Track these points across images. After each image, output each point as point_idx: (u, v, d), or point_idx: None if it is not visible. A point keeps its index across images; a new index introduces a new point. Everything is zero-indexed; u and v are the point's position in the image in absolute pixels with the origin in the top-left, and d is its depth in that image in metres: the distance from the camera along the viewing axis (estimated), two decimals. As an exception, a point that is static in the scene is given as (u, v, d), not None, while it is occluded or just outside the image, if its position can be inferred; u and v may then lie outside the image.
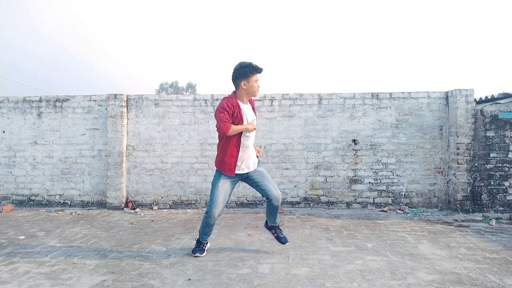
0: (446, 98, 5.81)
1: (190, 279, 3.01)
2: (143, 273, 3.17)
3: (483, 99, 5.75)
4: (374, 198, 5.88)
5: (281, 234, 3.71)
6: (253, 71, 3.44)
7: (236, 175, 3.51)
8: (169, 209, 6.02)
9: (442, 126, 5.82)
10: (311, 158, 5.93)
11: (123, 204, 6.00)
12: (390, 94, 5.89)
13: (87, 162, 6.14)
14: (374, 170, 5.88)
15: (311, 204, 5.92)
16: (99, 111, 6.16)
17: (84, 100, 6.18)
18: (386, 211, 5.68)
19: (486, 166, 5.50)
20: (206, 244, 3.67)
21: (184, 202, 6.04)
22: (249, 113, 3.52)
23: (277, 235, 3.70)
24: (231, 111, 3.36)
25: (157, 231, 4.57)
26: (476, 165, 5.49)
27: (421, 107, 5.84)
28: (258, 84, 3.50)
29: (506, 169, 5.48)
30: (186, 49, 78.53)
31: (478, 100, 5.75)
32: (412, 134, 5.84)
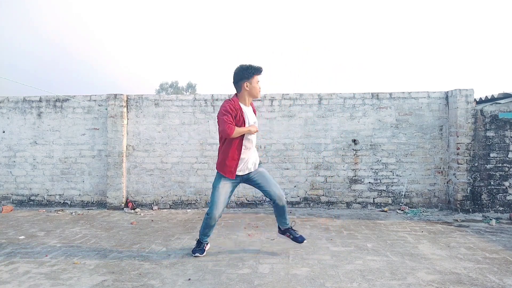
0: (446, 98, 5.81)
1: (190, 279, 3.01)
2: (143, 273, 3.17)
3: (483, 99, 5.75)
4: (374, 198, 5.88)
5: (296, 234, 3.66)
6: (254, 72, 3.46)
7: (237, 177, 3.51)
8: (169, 209, 6.02)
9: (442, 126, 5.82)
10: (311, 158, 5.93)
11: (123, 204, 6.00)
12: (390, 94, 5.89)
13: (87, 162, 6.15)
14: (374, 170, 5.88)
15: (311, 204, 5.92)
16: (99, 111, 6.16)
17: (84, 100, 6.18)
18: (386, 211, 5.68)
19: (486, 166, 5.50)
20: (207, 244, 3.67)
21: (184, 202, 6.04)
22: (250, 115, 3.53)
23: (292, 237, 3.65)
24: (234, 114, 3.36)
25: (157, 231, 4.57)
26: (476, 165, 5.49)
27: (421, 107, 5.84)
28: (259, 85, 3.53)
29: (506, 169, 5.48)
30: (186, 49, 78.57)
31: (478, 100, 5.75)
32: (412, 134, 5.84)
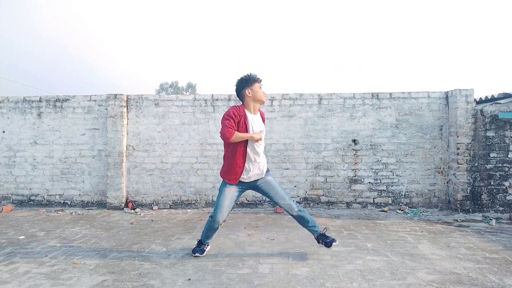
0: (446, 98, 5.81)
1: (190, 279, 3.01)
2: (143, 273, 3.17)
3: (483, 99, 5.75)
4: (374, 198, 5.88)
5: (326, 240, 3.54)
6: (254, 80, 3.47)
7: (244, 184, 3.51)
8: (169, 209, 6.02)
9: (442, 126, 5.82)
10: (311, 158, 5.94)
11: (123, 204, 6.01)
12: (390, 94, 5.89)
13: (87, 162, 6.15)
14: (374, 170, 5.88)
15: (311, 204, 5.92)
16: (99, 111, 6.16)
17: (84, 100, 6.18)
18: (386, 211, 5.68)
19: (486, 166, 5.50)
20: (207, 245, 3.67)
21: (184, 202, 6.05)
22: (257, 123, 3.49)
23: (324, 243, 3.54)
24: (237, 119, 3.37)
25: (157, 231, 4.57)
26: (476, 165, 5.49)
27: (421, 107, 5.84)
28: (262, 90, 3.50)
29: (506, 169, 5.48)
30: (186, 49, 78.53)
31: (478, 100, 5.76)
32: (412, 134, 5.84)
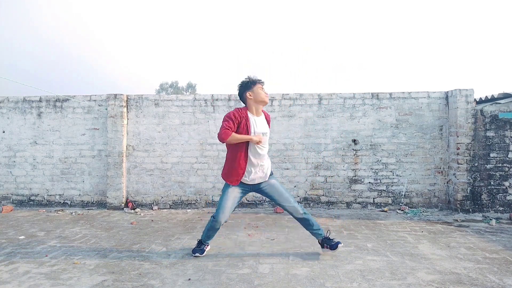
0: (446, 98, 5.81)
1: (190, 279, 3.01)
2: (143, 273, 3.17)
3: (483, 99, 5.75)
4: (374, 198, 5.88)
5: (331, 243, 3.52)
6: (254, 82, 3.46)
7: (247, 186, 3.51)
8: (169, 209, 6.02)
9: (442, 126, 5.82)
10: (311, 158, 5.94)
11: (123, 204, 6.01)
12: (390, 94, 5.89)
13: (87, 162, 6.15)
14: (374, 170, 5.88)
15: (311, 204, 5.92)
16: (99, 111, 6.16)
17: (84, 100, 6.18)
18: (386, 211, 5.68)
19: (486, 166, 5.50)
20: (207, 246, 3.68)
21: (184, 202, 6.05)
22: (260, 125, 3.47)
23: (329, 246, 3.51)
24: (237, 121, 3.36)
25: (157, 231, 4.57)
26: (476, 165, 5.49)
27: (421, 107, 5.84)
28: (264, 91, 3.46)
29: (506, 169, 5.48)
30: (186, 49, 78.53)
31: (478, 100, 5.76)
32: (412, 134, 5.84)
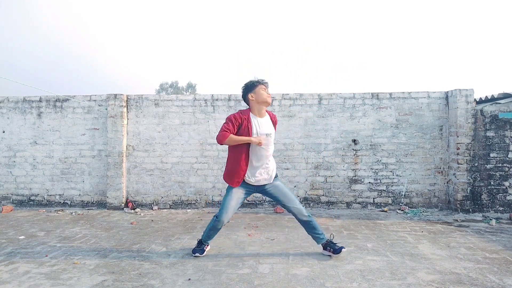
0: (446, 98, 5.81)
1: (190, 279, 3.01)
2: (143, 273, 3.17)
3: (483, 99, 5.75)
4: (374, 198, 5.88)
5: (335, 247, 3.50)
6: (256, 84, 3.46)
7: (251, 187, 3.51)
8: (169, 209, 6.02)
9: (442, 126, 5.82)
10: (311, 158, 5.94)
11: (123, 204, 6.01)
12: (390, 94, 5.89)
13: (87, 162, 6.15)
14: (374, 170, 5.88)
15: (311, 204, 5.92)
16: (99, 111, 6.16)
17: (84, 100, 6.18)
18: (386, 211, 5.68)
19: (486, 166, 5.50)
20: (207, 245, 3.68)
21: (184, 202, 6.05)
22: (264, 126, 3.45)
23: (333, 250, 3.49)
24: (238, 123, 3.36)
25: (157, 231, 4.57)
26: (476, 165, 5.49)
27: (421, 107, 5.84)
28: (266, 92, 3.45)
29: (506, 169, 5.48)
30: (186, 49, 78.52)
31: (478, 100, 5.76)
32: (412, 134, 5.84)
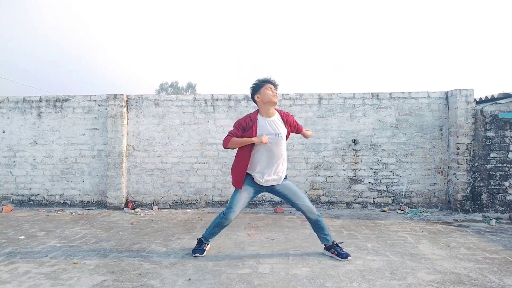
0: (446, 98, 5.81)
1: (190, 279, 3.01)
2: (143, 273, 3.17)
3: (483, 99, 5.75)
4: (374, 198, 5.88)
5: (341, 251, 3.48)
6: (262, 84, 3.46)
7: (260, 186, 3.52)
8: (169, 209, 6.02)
9: (442, 126, 5.82)
10: (311, 158, 5.93)
11: (123, 204, 6.00)
12: (390, 94, 5.89)
13: (87, 162, 6.15)
14: (374, 170, 5.88)
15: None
16: (99, 111, 6.16)
17: (84, 100, 6.18)
18: (386, 211, 5.68)
19: (486, 166, 5.50)
20: (207, 245, 3.68)
21: (184, 202, 6.04)
22: (272, 126, 3.45)
23: (337, 253, 3.47)
24: (242, 126, 3.43)
25: (157, 231, 4.57)
26: (476, 165, 5.49)
27: (421, 107, 5.84)
28: (272, 92, 3.43)
29: (506, 169, 5.48)
30: (186, 49, 78.53)
31: (478, 100, 5.75)
32: (412, 134, 5.84)
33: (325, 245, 3.58)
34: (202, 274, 3.13)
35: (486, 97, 5.72)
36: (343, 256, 3.45)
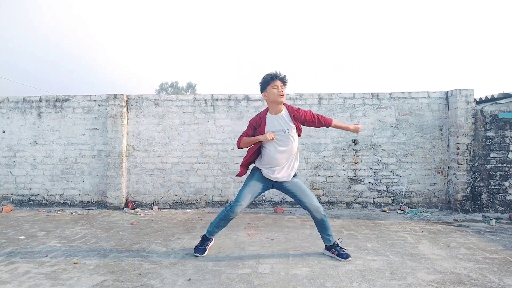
0: (446, 98, 5.81)
1: (190, 279, 3.01)
2: (143, 273, 3.17)
3: (483, 99, 5.75)
4: (374, 198, 5.88)
5: (342, 251, 3.48)
6: (269, 81, 3.39)
7: (269, 182, 3.52)
8: (169, 209, 6.02)
9: (442, 126, 5.82)
10: (311, 158, 5.93)
11: (123, 204, 6.00)
12: (390, 94, 5.89)
13: (87, 162, 6.14)
14: (374, 170, 5.88)
15: (311, 204, 5.92)
16: (99, 111, 6.16)
17: (84, 100, 6.18)
18: (386, 211, 5.68)
19: (486, 166, 5.50)
20: (211, 241, 3.68)
21: (184, 202, 6.04)
22: (279, 123, 3.42)
23: (338, 253, 3.47)
24: (255, 124, 3.49)
25: (157, 231, 4.57)
26: (476, 165, 5.49)
27: (421, 107, 5.84)
28: (278, 89, 3.36)
29: (506, 169, 5.48)
30: (186, 49, 78.54)
31: (478, 100, 5.75)
32: (412, 134, 5.84)
33: (326, 245, 3.58)
34: (202, 274, 3.13)
35: (486, 97, 5.72)
36: (344, 256, 3.45)
